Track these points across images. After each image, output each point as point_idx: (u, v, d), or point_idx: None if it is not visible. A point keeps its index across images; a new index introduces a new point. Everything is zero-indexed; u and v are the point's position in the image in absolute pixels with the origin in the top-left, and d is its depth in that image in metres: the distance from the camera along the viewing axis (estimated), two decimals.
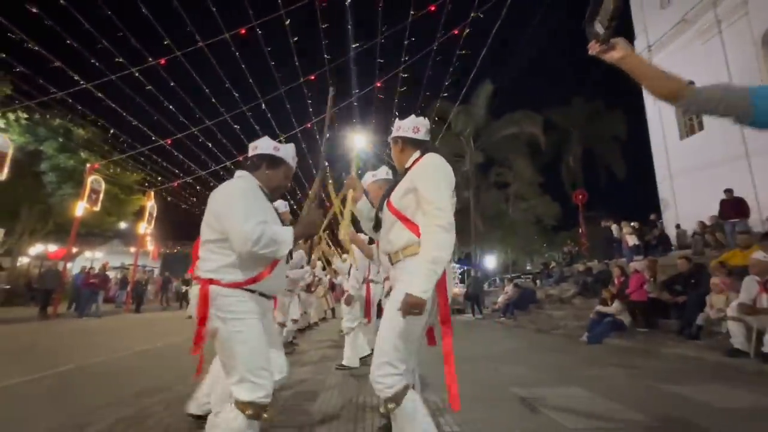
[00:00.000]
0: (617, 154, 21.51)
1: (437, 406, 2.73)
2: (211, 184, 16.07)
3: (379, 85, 13.34)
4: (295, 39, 9.31)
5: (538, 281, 14.53)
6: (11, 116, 14.47)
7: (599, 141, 21.64)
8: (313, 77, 11.52)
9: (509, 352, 5.68)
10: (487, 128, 21.15)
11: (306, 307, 8.56)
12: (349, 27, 9.29)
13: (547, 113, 21.18)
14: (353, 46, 10.15)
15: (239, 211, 1.51)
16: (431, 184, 1.53)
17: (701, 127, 12.39)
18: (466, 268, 21.68)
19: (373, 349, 2.84)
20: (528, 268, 25.86)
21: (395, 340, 1.48)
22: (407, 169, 1.68)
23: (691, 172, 12.28)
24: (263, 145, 1.80)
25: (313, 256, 7.10)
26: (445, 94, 13.46)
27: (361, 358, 4.19)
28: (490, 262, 27.15)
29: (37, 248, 19.94)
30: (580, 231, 16.04)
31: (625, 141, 21.09)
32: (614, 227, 12.07)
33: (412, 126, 1.76)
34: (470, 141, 21.06)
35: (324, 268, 9.51)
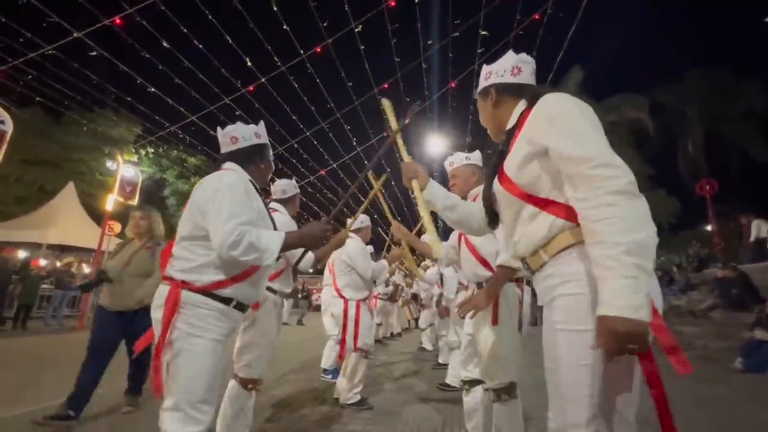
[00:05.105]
0: (755, 132, 17.45)
1: None
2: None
3: (453, 85, 12.85)
4: (363, 47, 9.40)
5: None
6: (143, 151, 17.48)
7: (727, 119, 17.79)
8: (386, 85, 11.56)
9: None
10: None
11: (387, 316, 8.39)
12: (418, 25, 9.05)
13: (654, 94, 18.24)
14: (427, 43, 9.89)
15: (223, 208, 1.32)
16: (572, 133, 0.92)
17: None
18: None
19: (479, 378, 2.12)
20: None
21: (602, 403, 0.89)
22: (512, 130, 1.12)
23: None
24: (245, 134, 1.59)
25: (393, 264, 6.88)
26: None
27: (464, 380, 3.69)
28: None
29: None
30: (710, 229, 13.26)
31: (764, 115, 17.05)
32: (756, 223, 9.71)
33: (511, 66, 1.18)
34: None
35: (405, 276, 9.22)
